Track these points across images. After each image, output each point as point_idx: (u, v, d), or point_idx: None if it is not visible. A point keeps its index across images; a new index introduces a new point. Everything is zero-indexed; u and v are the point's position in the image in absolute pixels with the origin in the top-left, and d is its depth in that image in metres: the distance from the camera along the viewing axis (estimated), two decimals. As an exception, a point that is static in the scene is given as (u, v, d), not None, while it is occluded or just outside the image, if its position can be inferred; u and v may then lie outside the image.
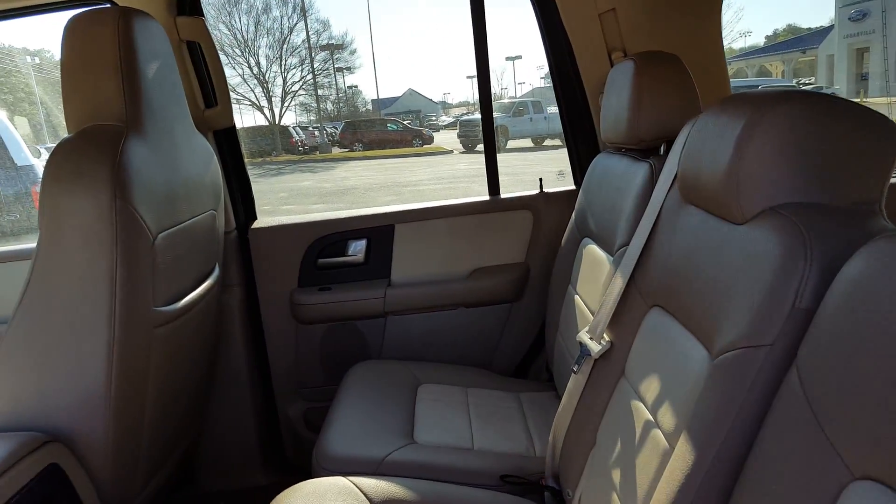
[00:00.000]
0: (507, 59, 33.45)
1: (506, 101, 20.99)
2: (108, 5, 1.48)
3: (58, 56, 1.20)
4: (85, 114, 1.16)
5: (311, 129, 21.96)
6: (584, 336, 1.13)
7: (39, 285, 1.12)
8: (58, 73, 1.20)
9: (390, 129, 21.08)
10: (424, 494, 1.16)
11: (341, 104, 27.74)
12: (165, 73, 1.30)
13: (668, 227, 1.00)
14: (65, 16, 1.29)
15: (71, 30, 1.16)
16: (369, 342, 1.89)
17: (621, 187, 1.29)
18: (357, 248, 1.87)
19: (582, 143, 1.84)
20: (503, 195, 1.88)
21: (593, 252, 1.40)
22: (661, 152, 1.25)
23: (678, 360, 0.87)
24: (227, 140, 1.81)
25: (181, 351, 1.43)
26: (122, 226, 1.10)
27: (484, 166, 1.91)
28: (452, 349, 1.88)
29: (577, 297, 1.44)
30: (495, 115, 1.99)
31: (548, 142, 17.83)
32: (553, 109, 19.23)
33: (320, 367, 1.91)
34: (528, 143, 17.95)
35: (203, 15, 1.68)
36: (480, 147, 2.01)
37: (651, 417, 0.90)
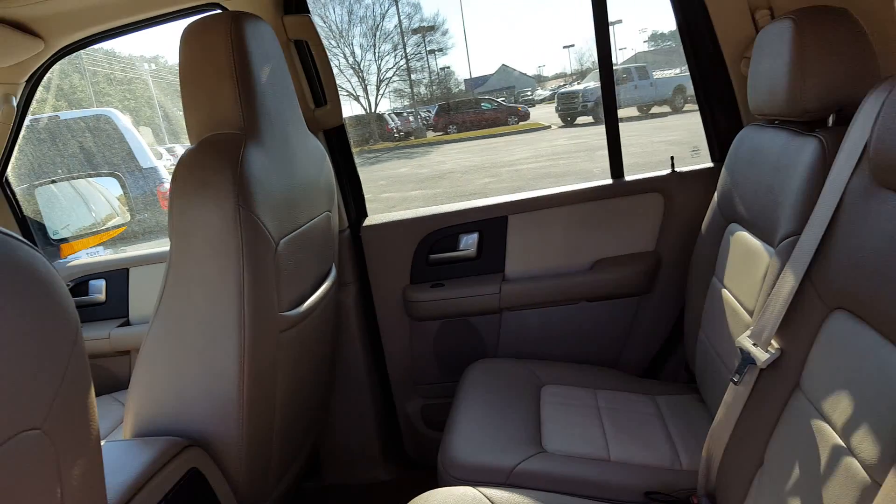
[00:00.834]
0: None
1: (606, 70, 20.23)
2: (219, 11, 1.48)
3: (171, 61, 1.20)
4: (204, 123, 1.16)
5: (405, 114, 22.19)
6: (745, 342, 0.99)
7: (173, 294, 1.13)
8: (171, 77, 1.20)
9: (484, 108, 20.91)
10: (562, 512, 1.08)
11: (434, 87, 27.84)
12: (278, 75, 1.28)
13: (856, 216, 0.84)
14: (180, 24, 1.30)
15: (185, 40, 1.16)
16: (485, 339, 1.82)
17: (781, 166, 1.12)
18: (469, 242, 1.79)
19: (721, 115, 1.65)
20: (628, 177, 1.73)
21: (745, 240, 1.24)
22: (830, 124, 1.07)
23: (877, 377, 0.73)
24: (336, 138, 1.78)
25: (305, 353, 1.42)
26: (246, 234, 1.09)
27: (583, 141, 1.77)
28: (574, 347, 1.78)
29: (724, 290, 1.29)
30: (594, 84, 1.83)
31: (654, 109, 17.06)
32: (659, 74, 18.33)
33: (435, 363, 1.86)
34: (632, 111, 17.25)
35: (309, 12, 1.65)
36: (581, 120, 1.86)
37: (842, 442, 0.77)
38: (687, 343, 1.50)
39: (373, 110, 22.65)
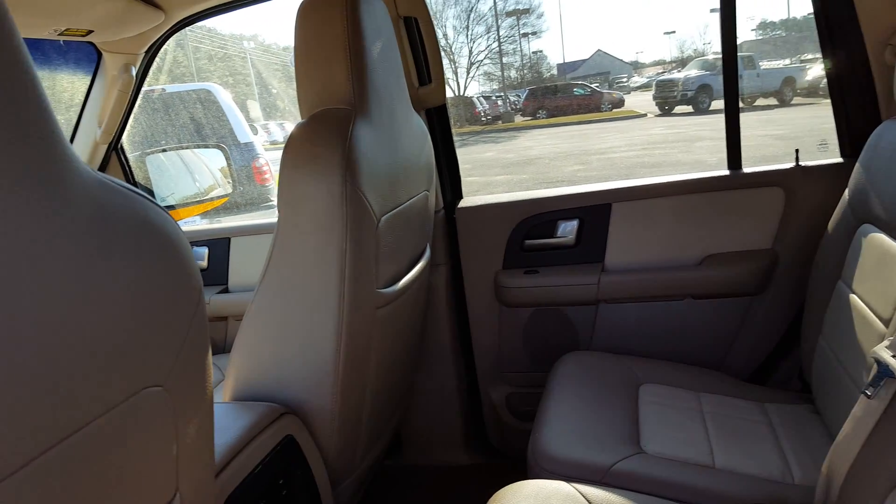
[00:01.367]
0: (712, 11, 30.89)
1: (710, 57, 19.34)
2: None
3: (268, 40, 1.21)
4: (316, 98, 1.16)
5: (493, 98, 22.03)
6: (883, 353, 0.90)
7: (278, 265, 1.15)
8: (268, 57, 1.21)
9: (577, 93, 20.45)
10: (662, 517, 1.02)
11: (525, 71, 27.49)
12: (388, 52, 1.27)
13: None
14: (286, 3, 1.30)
15: (302, 15, 1.17)
16: (578, 331, 1.76)
17: None
18: (567, 229, 1.73)
19: (856, 107, 1.51)
20: (746, 169, 1.61)
21: (881, 243, 1.13)
22: None
23: None
24: (438, 118, 1.76)
25: (397, 331, 1.42)
26: (351, 210, 1.09)
27: (680, 131, 1.67)
28: (675, 345, 1.69)
29: (853, 296, 1.18)
30: (696, 72, 1.72)
31: (760, 101, 16.17)
32: (766, 65, 17.34)
33: (524, 352, 1.82)
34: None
35: None
36: (679, 109, 1.75)
37: None
38: (804, 350, 1.39)
39: (461, 93, 22.63)
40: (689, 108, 16.53)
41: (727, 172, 1.62)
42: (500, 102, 21.53)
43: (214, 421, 1.12)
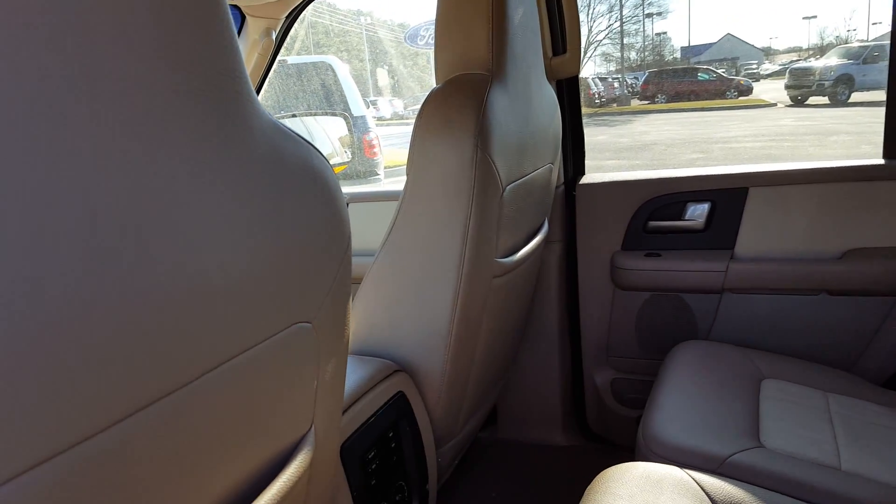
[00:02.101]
0: (866, -5, 28.33)
1: (854, 45, 17.79)
2: None
3: (383, 17, 1.23)
4: (454, 63, 1.17)
5: (610, 80, 21.35)
6: None
7: (402, 227, 1.18)
8: (383, 32, 1.23)
9: (700, 78, 19.43)
10: (781, 513, 0.97)
11: (646, 53, 26.43)
12: (528, 18, 1.26)
13: None
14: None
15: None
16: (697, 320, 1.69)
17: None
18: (697, 213, 1.66)
19: None
20: None
21: None
22: None
23: None
24: (568, 90, 1.73)
25: (509, 302, 1.43)
26: (479, 176, 1.10)
27: (813, 123, 1.54)
28: (804, 342, 1.59)
29: None
30: (837, 61, 1.57)
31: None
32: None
33: (635, 337, 1.78)
34: (880, 95, 15.08)
35: None
36: (813, 100, 1.61)
37: None
38: None
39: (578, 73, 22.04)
40: (825, 100, 15.35)
41: (882, 161, 1.49)
42: (616, 85, 20.85)
43: None
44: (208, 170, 0.48)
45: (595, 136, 13.87)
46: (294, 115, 3.03)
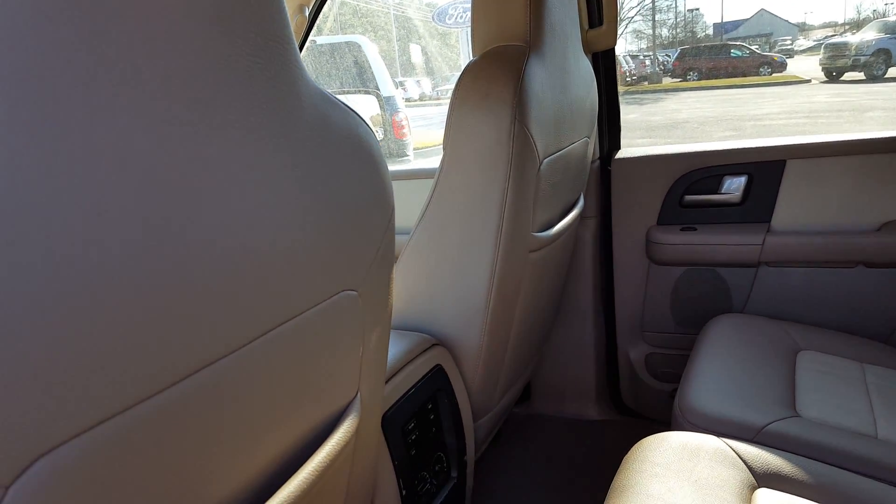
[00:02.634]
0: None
1: (892, 18, 17.21)
2: None
3: None
4: (491, 34, 1.18)
5: (641, 57, 20.97)
6: None
7: (440, 202, 1.20)
8: (410, 12, 1.23)
9: (733, 55, 18.97)
10: (818, 477, 0.99)
11: (678, 30, 25.87)
12: None
13: None
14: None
15: None
16: (733, 293, 1.69)
17: None
18: (733, 186, 1.65)
19: None
20: None
21: None
22: None
23: None
24: (604, 62, 1.72)
25: (544, 277, 1.44)
26: (517, 149, 1.11)
27: (849, 99, 1.52)
28: (840, 315, 1.59)
29: None
30: (874, 35, 1.54)
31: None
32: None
33: (669, 312, 1.79)
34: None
35: None
36: (849, 76, 1.58)
37: None
38: None
39: (607, 52, 21.66)
40: (860, 76, 14.90)
41: None
42: (647, 62, 20.49)
43: None
44: (260, 136, 0.49)
45: (626, 114, 13.65)
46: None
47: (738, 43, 20.82)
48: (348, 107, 0.63)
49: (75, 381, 0.37)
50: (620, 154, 1.76)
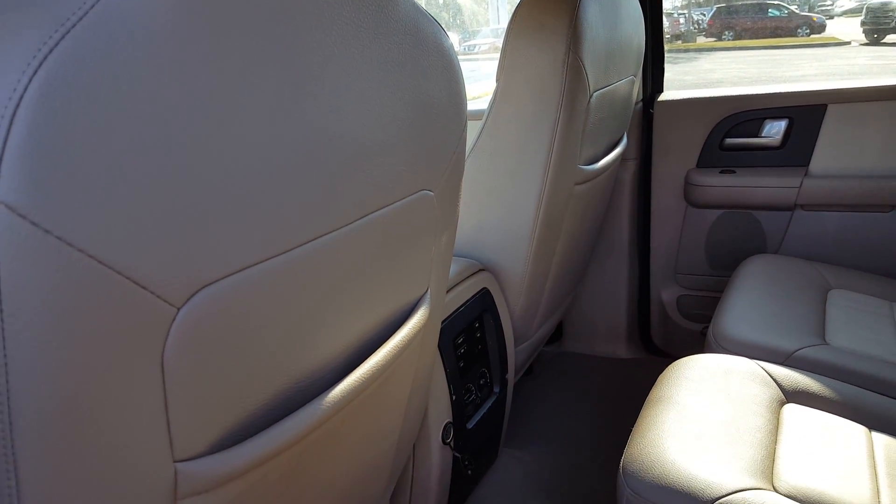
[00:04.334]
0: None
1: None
2: None
3: None
4: None
5: (675, 15, 20.43)
6: None
7: (491, 132, 1.25)
8: None
9: (771, 14, 18.40)
10: (844, 397, 1.05)
11: (714, -13, 25.05)
12: None
13: None
14: None
15: None
16: (767, 236, 1.74)
17: None
18: (774, 130, 1.68)
19: None
20: None
21: None
22: None
23: None
24: (651, 6, 1.74)
25: (587, 212, 1.50)
26: (570, 79, 1.16)
27: (890, 63, 1.54)
28: (874, 257, 1.63)
29: None
30: None
31: None
32: None
33: (704, 254, 1.83)
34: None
35: None
36: (890, 38, 1.59)
37: None
38: None
39: (640, 9, 21.14)
40: (904, 38, 14.44)
41: None
42: (681, 20, 19.95)
43: None
44: (364, 34, 0.55)
45: (657, 74, 13.39)
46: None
47: (776, 2, 20.15)
48: (435, 19, 0.69)
49: (230, 234, 0.45)
50: (663, 97, 1.79)
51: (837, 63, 12.61)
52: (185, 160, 0.41)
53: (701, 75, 12.56)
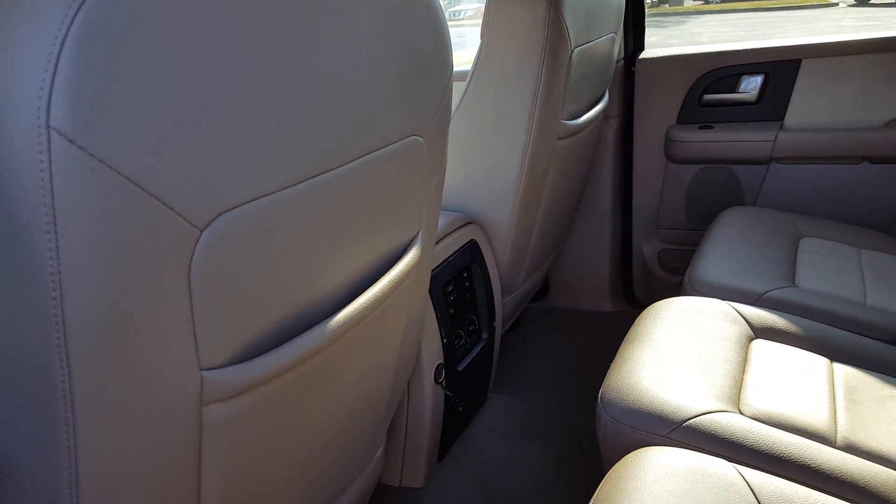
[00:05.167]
0: None
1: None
2: None
3: None
4: None
5: (663, -22, 20.26)
6: None
7: (476, 87, 1.30)
8: None
9: (759, -24, 18.29)
10: (809, 332, 1.13)
11: (703, -52, 24.75)
12: None
13: None
14: None
15: None
16: (744, 190, 1.80)
17: None
18: (750, 85, 1.74)
19: None
20: None
21: None
22: None
23: None
24: None
25: (570, 167, 1.55)
26: (551, 35, 1.21)
27: (877, 24, 1.60)
28: (845, 207, 1.70)
29: None
30: None
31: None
32: None
33: (683, 209, 1.90)
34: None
35: None
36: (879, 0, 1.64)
37: None
38: None
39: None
40: (893, -1, 14.43)
41: None
42: (669, -17, 19.78)
43: None
44: None
45: (646, 36, 13.34)
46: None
47: (765, -37, 19.99)
48: None
49: (242, 166, 0.51)
50: (644, 55, 1.84)
51: (825, 25, 12.61)
52: (205, 97, 0.46)
53: (688, 39, 12.54)
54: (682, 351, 1.04)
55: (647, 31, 1.87)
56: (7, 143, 0.39)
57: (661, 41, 12.50)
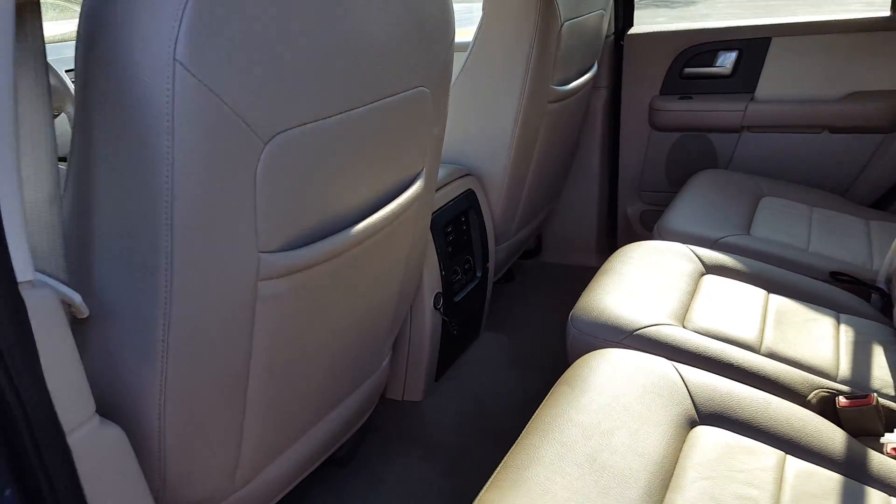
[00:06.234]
0: None
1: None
2: None
3: None
4: None
5: (675, -43, 20.15)
6: None
7: (477, 56, 1.49)
8: None
9: (771, -42, 18.19)
10: (753, 270, 1.32)
11: (717, -72, 24.48)
12: None
13: None
14: None
15: None
16: (718, 155, 1.99)
17: None
18: (726, 60, 1.92)
19: None
20: None
21: None
22: None
23: None
24: None
25: (559, 128, 1.74)
26: (543, 9, 1.39)
27: (885, 3, 1.75)
28: (806, 173, 1.90)
29: None
30: None
31: None
32: None
33: (664, 173, 2.09)
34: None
35: None
36: None
37: None
38: None
39: (641, -50, 20.78)
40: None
41: (889, 14, 1.72)
42: (680, -37, 19.67)
43: None
44: None
45: (654, 17, 13.30)
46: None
47: (778, -55, 19.83)
48: None
49: (292, 96, 0.70)
50: (633, 30, 2.01)
51: (833, 7, 12.60)
52: (280, 36, 0.66)
53: (696, 20, 12.50)
54: (641, 281, 1.24)
55: (657, 12, 2.05)
56: (150, 75, 0.59)
57: (669, 22, 12.45)
